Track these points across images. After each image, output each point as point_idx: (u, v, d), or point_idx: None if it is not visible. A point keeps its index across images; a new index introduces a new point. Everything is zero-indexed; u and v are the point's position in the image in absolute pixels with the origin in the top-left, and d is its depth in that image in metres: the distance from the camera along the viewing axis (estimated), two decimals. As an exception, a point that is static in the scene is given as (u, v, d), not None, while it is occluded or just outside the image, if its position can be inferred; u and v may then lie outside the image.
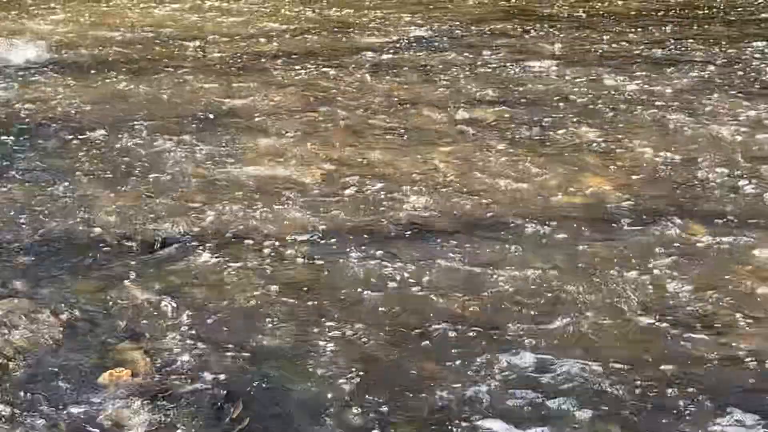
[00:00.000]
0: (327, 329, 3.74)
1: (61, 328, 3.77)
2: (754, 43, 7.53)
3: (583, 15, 8.78)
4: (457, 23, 8.45)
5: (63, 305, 3.91)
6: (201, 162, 5.38)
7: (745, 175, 5.04)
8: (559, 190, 4.93)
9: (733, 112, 5.97)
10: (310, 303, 3.93)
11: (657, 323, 3.72)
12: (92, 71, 7.13)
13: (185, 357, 3.59)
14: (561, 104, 6.21)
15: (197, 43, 7.92)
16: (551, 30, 8.15)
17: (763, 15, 8.56)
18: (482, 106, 6.21)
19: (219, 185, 5.08)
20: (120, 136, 5.78)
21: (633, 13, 8.80)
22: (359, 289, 4.00)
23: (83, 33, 8.34)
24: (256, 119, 6.06)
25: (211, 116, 6.13)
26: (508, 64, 7.10)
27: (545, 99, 6.33)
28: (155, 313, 3.88)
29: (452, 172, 5.18)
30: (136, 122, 6.00)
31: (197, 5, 9.37)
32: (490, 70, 7.02)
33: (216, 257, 4.30)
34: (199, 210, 4.77)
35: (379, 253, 4.28)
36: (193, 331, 3.75)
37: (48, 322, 3.81)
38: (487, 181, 5.04)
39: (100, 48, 7.82)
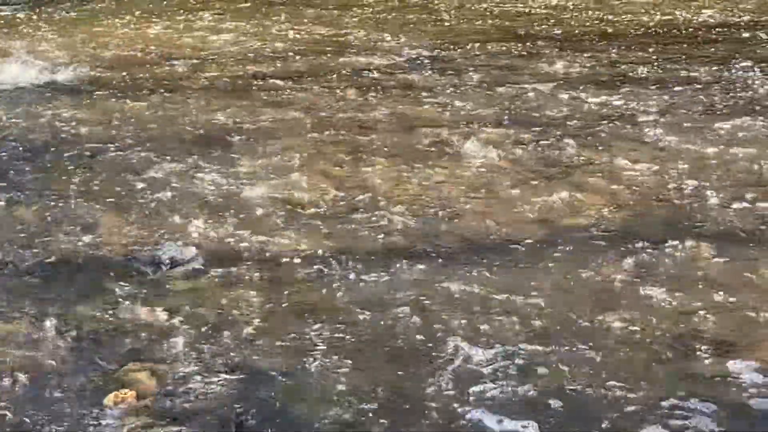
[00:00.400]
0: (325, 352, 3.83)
1: (67, 349, 3.85)
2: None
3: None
4: (439, 42, 8.56)
5: (68, 325, 4.00)
6: (199, 182, 5.46)
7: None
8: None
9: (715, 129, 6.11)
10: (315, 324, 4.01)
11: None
12: (87, 91, 7.22)
13: (190, 378, 3.65)
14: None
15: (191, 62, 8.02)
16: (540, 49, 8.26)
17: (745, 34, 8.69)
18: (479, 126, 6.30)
19: (220, 205, 5.16)
20: (120, 155, 5.86)
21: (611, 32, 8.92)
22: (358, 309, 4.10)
23: (77, 52, 8.41)
24: (251, 139, 6.15)
25: (210, 136, 6.21)
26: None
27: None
28: (160, 334, 3.95)
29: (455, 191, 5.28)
30: (134, 142, 6.08)
31: (188, 25, 9.46)
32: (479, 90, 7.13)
33: (220, 278, 4.38)
34: (201, 230, 4.86)
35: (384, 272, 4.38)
36: (199, 353, 3.82)
37: (53, 342, 3.89)
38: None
39: (96, 66, 7.90)
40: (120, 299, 4.21)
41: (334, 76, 7.50)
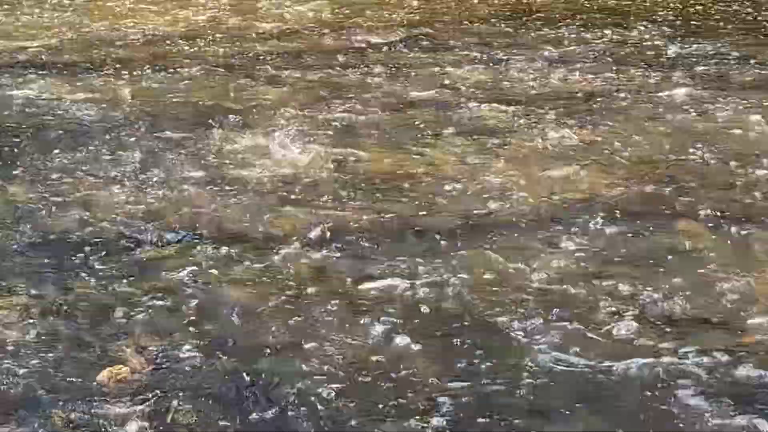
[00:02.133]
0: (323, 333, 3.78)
1: (59, 326, 3.80)
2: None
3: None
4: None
5: (61, 303, 3.95)
6: (201, 160, 5.39)
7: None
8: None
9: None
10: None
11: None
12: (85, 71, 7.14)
13: (185, 355, 3.61)
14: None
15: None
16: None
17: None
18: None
19: (219, 183, 5.09)
20: (118, 133, 5.79)
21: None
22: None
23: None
24: (255, 117, 6.06)
25: (213, 113, 6.12)
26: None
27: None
28: (154, 311, 3.91)
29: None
30: (133, 120, 6.01)
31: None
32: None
33: (215, 256, 4.33)
34: (199, 209, 4.79)
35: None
36: (192, 329, 3.78)
37: (46, 319, 3.85)
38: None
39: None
40: (113, 276, 4.17)
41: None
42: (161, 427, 3.22)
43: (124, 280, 4.13)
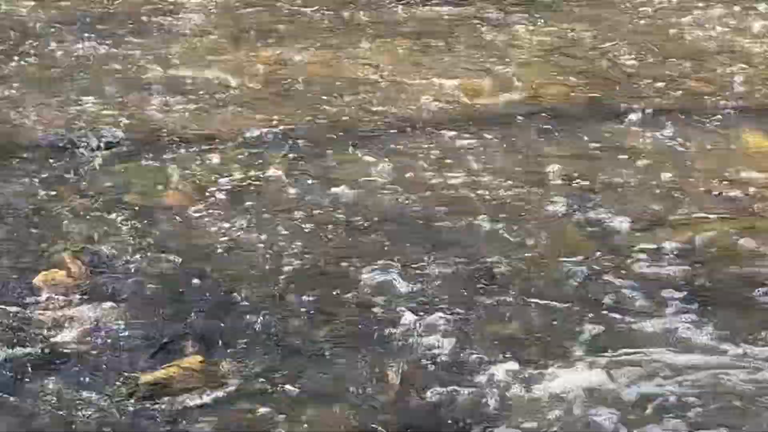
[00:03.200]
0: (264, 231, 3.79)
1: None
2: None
3: None
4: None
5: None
6: (133, 63, 5.32)
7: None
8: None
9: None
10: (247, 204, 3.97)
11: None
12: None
13: (121, 257, 3.61)
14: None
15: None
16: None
17: None
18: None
19: (153, 88, 5.03)
20: (50, 39, 5.67)
21: None
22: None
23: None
24: (191, 18, 5.96)
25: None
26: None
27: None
28: (91, 215, 3.89)
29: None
30: (67, 26, 5.87)
31: None
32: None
33: (153, 160, 4.32)
34: (134, 112, 4.75)
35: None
36: (130, 233, 3.77)
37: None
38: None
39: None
40: (51, 181, 4.15)
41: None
42: (92, 330, 3.22)
43: (63, 185, 4.11)
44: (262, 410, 2.89)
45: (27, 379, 3.01)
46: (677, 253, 3.62)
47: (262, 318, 3.26)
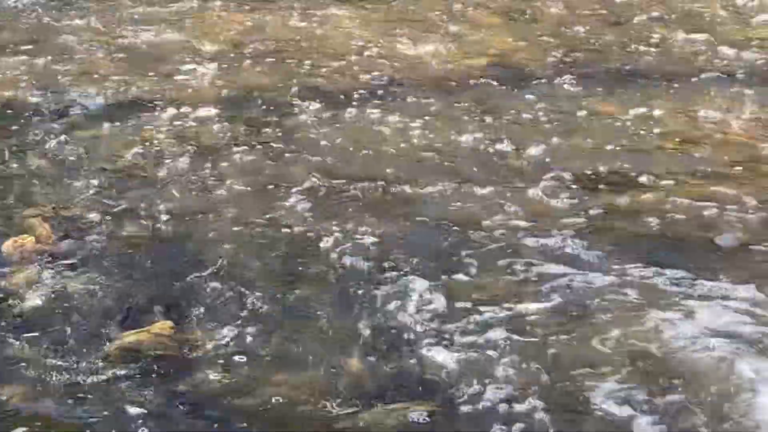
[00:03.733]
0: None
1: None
2: None
3: None
4: None
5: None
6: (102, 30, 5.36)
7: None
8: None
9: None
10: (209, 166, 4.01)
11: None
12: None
13: (91, 220, 3.64)
14: None
15: None
16: None
17: None
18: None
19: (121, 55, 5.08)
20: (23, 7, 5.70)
21: None
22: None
23: None
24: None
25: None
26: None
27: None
28: (61, 180, 3.92)
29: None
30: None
31: None
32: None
33: (119, 123, 4.36)
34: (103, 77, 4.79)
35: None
36: (97, 195, 3.81)
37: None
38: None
39: None
40: (24, 144, 4.21)
41: None
42: (61, 296, 3.23)
43: (30, 151, 4.13)
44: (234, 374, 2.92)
45: (-3, 345, 3.02)
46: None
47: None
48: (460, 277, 3.29)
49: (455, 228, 3.55)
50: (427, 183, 3.84)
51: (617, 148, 4.09)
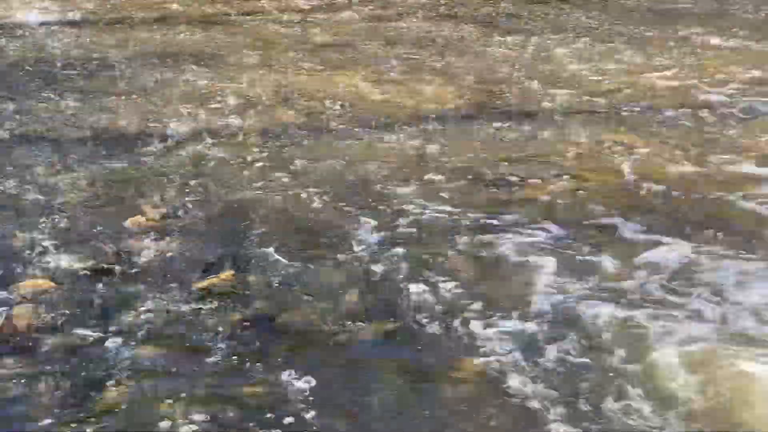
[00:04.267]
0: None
1: (93, 192, 5.37)
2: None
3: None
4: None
5: (98, 179, 5.52)
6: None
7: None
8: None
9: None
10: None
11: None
12: None
13: (185, 211, 5.14)
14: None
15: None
16: None
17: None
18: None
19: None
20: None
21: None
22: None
23: None
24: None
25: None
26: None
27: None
28: (164, 181, 5.49)
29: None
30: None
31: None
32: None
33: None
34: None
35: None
36: (186, 192, 5.34)
37: (85, 190, 5.40)
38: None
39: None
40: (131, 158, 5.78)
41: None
42: (166, 254, 4.69)
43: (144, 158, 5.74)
44: (272, 303, 4.20)
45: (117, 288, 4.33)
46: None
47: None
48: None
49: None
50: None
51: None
